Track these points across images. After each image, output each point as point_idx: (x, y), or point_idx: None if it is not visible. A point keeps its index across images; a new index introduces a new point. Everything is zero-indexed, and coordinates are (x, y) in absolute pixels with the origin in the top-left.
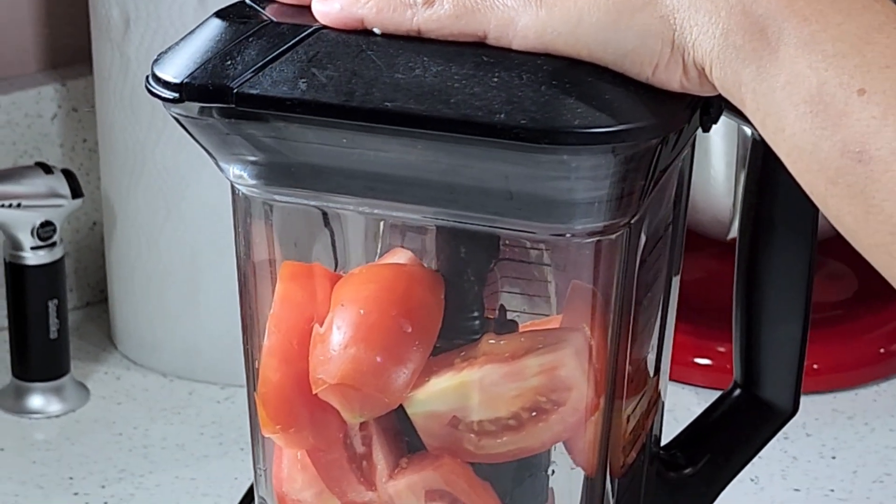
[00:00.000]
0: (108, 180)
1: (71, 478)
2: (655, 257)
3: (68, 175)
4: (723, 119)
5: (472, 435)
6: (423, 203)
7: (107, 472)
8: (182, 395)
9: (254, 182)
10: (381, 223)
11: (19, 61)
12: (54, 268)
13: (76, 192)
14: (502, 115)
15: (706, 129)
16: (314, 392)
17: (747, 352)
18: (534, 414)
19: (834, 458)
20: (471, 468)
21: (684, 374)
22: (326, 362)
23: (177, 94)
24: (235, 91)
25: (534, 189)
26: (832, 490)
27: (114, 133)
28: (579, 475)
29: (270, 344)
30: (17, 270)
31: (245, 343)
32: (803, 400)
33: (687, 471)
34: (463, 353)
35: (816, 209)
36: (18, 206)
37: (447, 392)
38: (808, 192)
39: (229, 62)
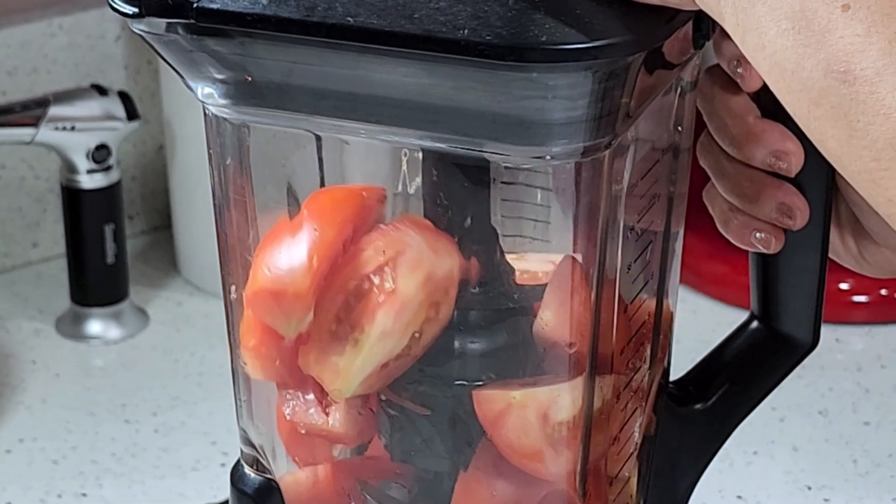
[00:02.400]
0: (170, 103)
1: (123, 404)
2: (651, 182)
3: (124, 97)
4: None
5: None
6: (394, 124)
7: (160, 399)
8: None
9: (224, 102)
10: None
11: None
12: (110, 192)
13: (132, 115)
14: (466, 31)
15: (697, 47)
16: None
17: (764, 282)
18: None
19: None
20: None
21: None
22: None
23: (136, 10)
24: (196, 6)
25: (508, 109)
26: None
27: None
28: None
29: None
30: (72, 194)
31: (221, 269)
32: (878, 330)
33: (698, 406)
34: None
35: None
36: (73, 128)
37: None
38: (791, 113)
39: None
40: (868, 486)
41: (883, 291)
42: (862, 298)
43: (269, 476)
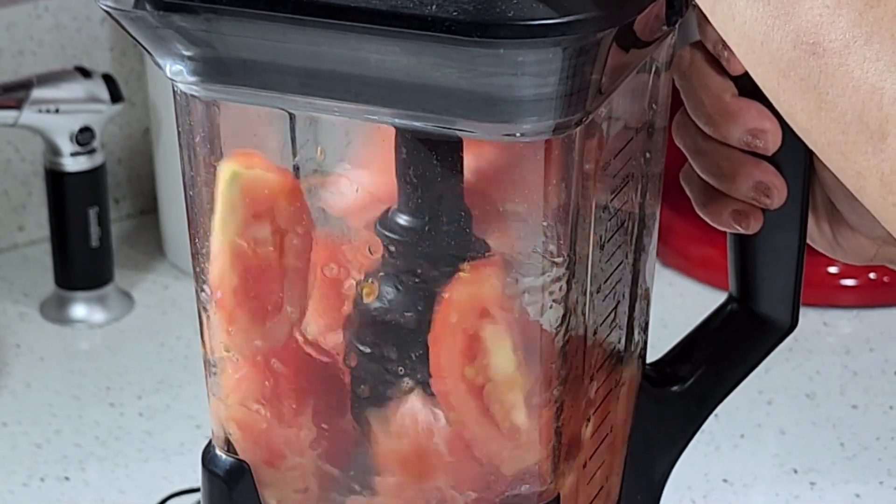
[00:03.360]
0: (155, 86)
1: (108, 388)
2: (624, 160)
3: (108, 79)
4: None
5: None
6: (364, 101)
7: (145, 382)
8: None
9: (192, 79)
10: None
11: None
12: (95, 174)
13: (116, 97)
14: (433, 7)
15: (671, 24)
16: None
17: (742, 263)
18: None
19: None
20: None
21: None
22: None
23: None
24: None
25: (476, 86)
26: (891, 407)
27: None
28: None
29: None
30: (56, 177)
31: (192, 249)
32: (866, 314)
33: (675, 388)
34: None
35: None
36: (56, 111)
37: None
38: (761, 86)
39: None
40: (855, 469)
41: (871, 275)
42: (850, 282)
43: (240, 458)
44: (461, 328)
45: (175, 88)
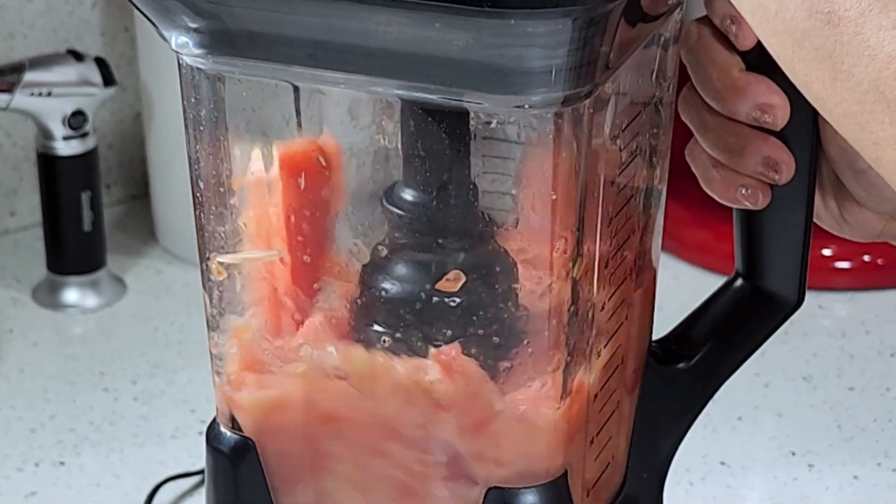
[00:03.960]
0: (147, 70)
1: (102, 373)
2: (631, 135)
3: (100, 63)
4: None
5: None
6: (372, 73)
7: (139, 367)
8: None
9: (198, 52)
10: None
11: None
12: (87, 158)
13: (108, 81)
14: None
15: None
16: None
17: (749, 240)
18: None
19: (893, 355)
20: None
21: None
22: None
23: None
24: None
25: (486, 57)
26: (888, 389)
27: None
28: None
29: None
30: (48, 161)
31: (197, 227)
32: (861, 296)
33: (681, 365)
34: None
35: None
36: (49, 94)
37: None
38: (775, 56)
39: None
40: (852, 451)
41: (866, 257)
42: (845, 265)
43: (244, 434)
44: None
45: (180, 62)
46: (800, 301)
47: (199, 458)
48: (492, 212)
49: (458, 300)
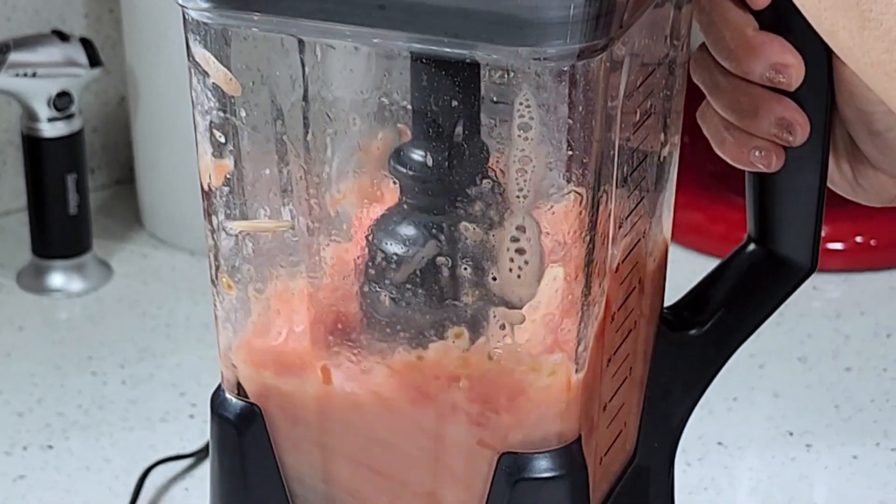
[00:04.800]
0: (132, 53)
1: (90, 357)
2: (644, 95)
3: (86, 43)
4: None
5: None
6: (382, 26)
7: (127, 351)
8: None
9: (205, 5)
10: None
11: None
12: (72, 140)
13: (94, 61)
14: None
15: None
16: None
17: (761, 203)
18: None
19: (889, 336)
20: None
21: None
22: None
23: None
24: None
25: (500, 7)
26: (885, 370)
27: (135, 3)
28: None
29: None
30: (33, 143)
31: (202, 181)
32: (857, 278)
33: (693, 331)
34: None
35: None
36: (34, 75)
37: None
38: (799, 5)
39: None
40: (851, 430)
41: (858, 238)
42: (837, 246)
43: (250, 401)
44: None
45: (186, 16)
46: (813, 266)
47: (189, 440)
48: (503, 170)
49: (470, 264)
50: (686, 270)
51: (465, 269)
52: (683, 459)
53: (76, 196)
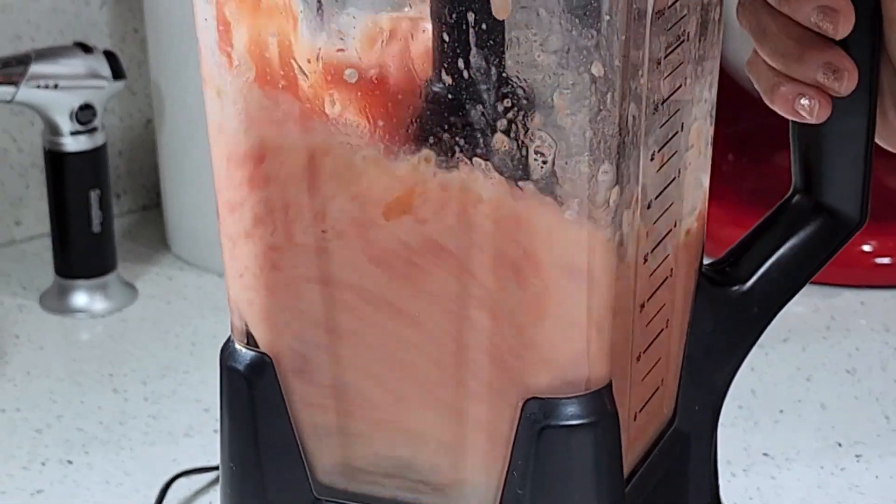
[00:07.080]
0: (158, 72)
1: (111, 375)
2: (676, 17)
3: (109, 55)
4: None
5: None
6: None
7: (149, 368)
8: None
9: None
10: None
11: None
12: (96, 155)
13: (118, 74)
14: None
15: None
16: None
17: (806, 151)
18: None
19: None
20: None
21: None
22: None
23: None
24: None
25: None
26: None
27: (161, 20)
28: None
29: None
30: (56, 158)
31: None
32: None
33: (735, 288)
34: None
35: None
36: (55, 87)
37: None
38: None
39: None
40: None
41: None
42: (885, 260)
43: (261, 350)
44: None
45: None
46: (863, 218)
47: (213, 454)
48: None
49: None
50: None
51: None
52: (728, 470)
53: (99, 213)
